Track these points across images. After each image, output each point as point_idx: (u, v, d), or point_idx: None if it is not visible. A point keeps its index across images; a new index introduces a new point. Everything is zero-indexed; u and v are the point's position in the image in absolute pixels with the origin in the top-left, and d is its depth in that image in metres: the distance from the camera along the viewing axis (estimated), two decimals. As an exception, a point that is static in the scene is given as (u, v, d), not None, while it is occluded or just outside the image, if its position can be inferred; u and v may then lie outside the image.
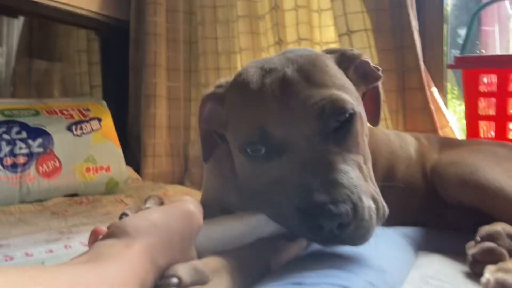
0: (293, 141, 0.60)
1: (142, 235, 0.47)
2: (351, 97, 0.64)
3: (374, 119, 0.82)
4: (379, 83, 0.78)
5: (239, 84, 0.68)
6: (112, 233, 0.48)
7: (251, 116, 0.63)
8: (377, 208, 0.59)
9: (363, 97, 0.77)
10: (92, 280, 0.39)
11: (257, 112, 0.63)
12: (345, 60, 0.71)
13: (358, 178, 0.59)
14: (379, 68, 0.75)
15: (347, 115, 0.62)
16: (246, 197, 0.71)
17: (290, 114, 0.61)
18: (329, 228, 0.54)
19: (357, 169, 0.61)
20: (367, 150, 0.67)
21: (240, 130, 0.65)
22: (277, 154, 0.62)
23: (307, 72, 0.64)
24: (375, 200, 0.59)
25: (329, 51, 0.73)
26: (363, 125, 0.67)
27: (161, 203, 0.71)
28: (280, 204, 0.60)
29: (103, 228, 0.53)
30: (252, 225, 0.61)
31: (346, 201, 0.54)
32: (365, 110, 0.78)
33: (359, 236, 0.56)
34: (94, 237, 0.53)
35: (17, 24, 2.12)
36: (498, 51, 1.74)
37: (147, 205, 0.68)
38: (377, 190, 0.63)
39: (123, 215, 0.63)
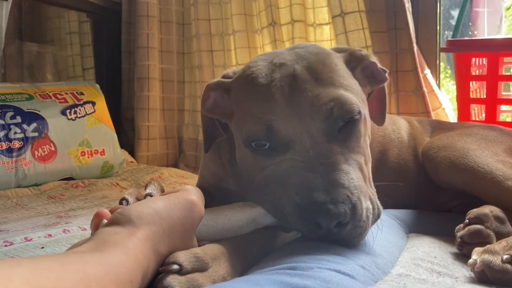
0: (299, 139, 0.61)
1: (146, 224, 0.49)
2: (357, 98, 0.65)
3: (379, 118, 0.83)
4: (385, 85, 0.78)
5: (248, 76, 0.68)
6: (116, 220, 0.49)
7: (258, 111, 0.64)
8: (373, 209, 0.61)
9: (369, 97, 0.78)
10: (99, 270, 0.40)
11: (264, 107, 0.63)
12: (353, 60, 0.72)
13: (359, 179, 0.60)
14: (386, 70, 0.76)
15: (353, 117, 0.63)
16: (244, 185, 0.72)
17: (298, 112, 0.62)
18: (327, 226, 0.56)
19: (358, 170, 0.62)
20: (369, 151, 0.68)
21: (246, 123, 0.65)
22: (282, 150, 0.63)
23: (316, 70, 0.64)
24: (371, 201, 0.61)
25: (339, 50, 0.74)
26: (367, 126, 0.68)
27: (162, 189, 0.72)
28: (280, 199, 0.61)
29: (106, 211, 0.55)
30: (251, 217, 0.63)
31: (346, 202, 0.56)
32: (370, 110, 0.79)
33: (355, 236, 0.58)
34: (97, 220, 0.54)
35: (6, 5, 2.09)
36: (487, 33, 1.75)
37: (148, 190, 0.69)
38: (374, 191, 0.65)
39: (123, 200, 0.64)
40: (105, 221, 0.52)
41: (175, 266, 0.49)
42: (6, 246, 0.85)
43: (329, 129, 0.62)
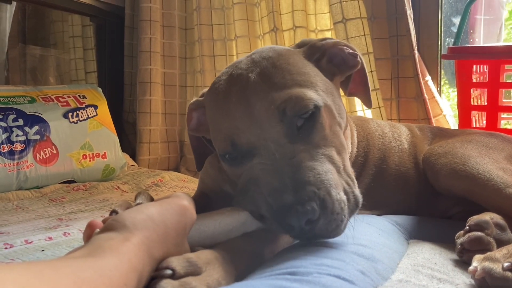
0: (262, 145, 0.63)
1: (140, 229, 0.49)
2: (315, 91, 0.66)
3: (365, 101, 0.83)
4: (364, 66, 0.78)
5: (213, 92, 0.71)
6: (110, 227, 0.49)
7: (222, 126, 0.67)
8: (348, 199, 0.61)
9: (348, 82, 0.78)
10: (92, 274, 0.40)
11: (226, 122, 0.66)
12: (316, 52, 0.73)
13: (327, 172, 0.61)
14: (357, 53, 0.75)
15: (310, 112, 0.63)
16: (235, 189, 0.74)
17: (256, 121, 0.64)
18: (298, 226, 0.57)
19: (327, 163, 0.62)
20: (340, 141, 0.68)
21: (216, 139, 0.70)
22: (250, 158, 0.65)
23: (269, 75, 0.66)
24: (345, 192, 0.61)
25: (300, 45, 0.75)
26: (334, 116, 0.68)
27: (151, 199, 0.73)
28: (257, 202, 0.63)
29: (98, 222, 0.55)
30: (240, 221, 0.64)
31: (313, 199, 0.57)
32: (355, 93, 0.79)
33: (332, 229, 0.58)
34: (90, 231, 0.55)
35: (10, 9, 2.10)
36: (488, 40, 1.75)
37: (138, 200, 0.70)
38: (351, 179, 0.65)
39: (113, 212, 0.65)
40: (98, 230, 0.52)
41: (168, 271, 0.49)
42: (6, 248, 0.85)
43: (288, 129, 0.63)
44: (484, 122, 1.31)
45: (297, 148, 0.62)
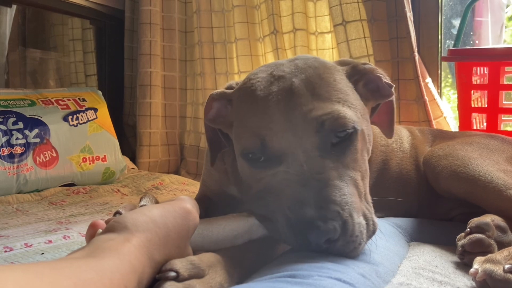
0: (292, 153, 0.61)
1: (141, 231, 0.49)
2: (355, 113, 0.65)
3: (387, 131, 0.83)
4: (393, 98, 0.78)
5: (248, 88, 0.68)
6: (112, 228, 0.49)
7: (254, 124, 0.64)
8: (367, 225, 0.60)
9: (375, 110, 0.77)
10: (93, 276, 0.40)
11: (259, 121, 0.64)
12: (356, 74, 0.71)
13: (352, 194, 0.60)
14: (392, 85, 0.75)
15: (348, 132, 0.63)
16: (245, 193, 0.72)
17: (291, 126, 0.62)
18: (316, 243, 0.56)
19: (352, 186, 0.61)
20: (366, 167, 0.67)
21: (243, 135, 0.66)
22: (276, 163, 0.63)
23: (314, 84, 0.64)
24: (365, 217, 0.60)
25: (342, 63, 0.74)
26: (365, 142, 0.68)
27: (156, 201, 0.72)
28: (273, 212, 0.61)
29: (101, 222, 0.55)
30: (246, 227, 0.63)
31: (336, 218, 0.56)
32: (379, 123, 0.79)
33: (349, 251, 0.58)
34: (92, 231, 0.55)
35: (10, 12, 2.10)
36: (490, 42, 1.75)
37: (142, 203, 0.70)
38: (370, 206, 0.64)
39: (117, 213, 0.65)
40: (100, 230, 0.52)
41: (172, 273, 0.49)
42: (6, 252, 0.85)
43: (321, 143, 0.62)
44: (485, 124, 1.31)
45: (327, 165, 0.61)
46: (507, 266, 0.56)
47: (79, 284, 0.38)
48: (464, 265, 0.68)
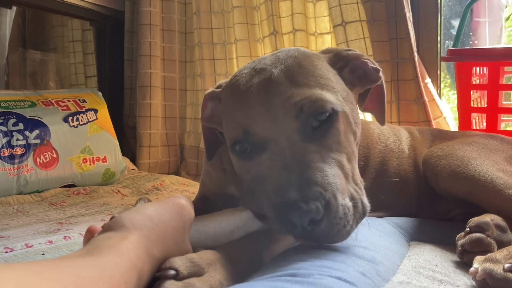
0: (274, 139, 0.63)
1: (138, 228, 0.50)
2: (335, 96, 0.66)
3: (379, 118, 0.83)
4: (383, 84, 0.78)
5: (233, 85, 0.70)
6: (109, 227, 0.50)
7: (238, 116, 0.66)
8: (355, 206, 0.60)
9: (366, 96, 0.78)
10: (92, 273, 0.40)
11: (242, 112, 0.66)
12: (340, 60, 0.73)
13: (335, 176, 0.60)
14: (379, 69, 0.75)
15: (327, 114, 0.63)
16: (242, 188, 0.73)
17: (272, 113, 0.63)
18: (300, 224, 0.56)
19: (337, 167, 0.62)
20: (352, 149, 0.68)
21: (229, 129, 0.68)
22: (260, 152, 0.64)
23: (293, 72, 0.65)
24: (353, 199, 0.61)
25: (326, 51, 0.75)
26: (350, 124, 0.68)
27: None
28: (260, 200, 0.62)
29: (98, 226, 0.55)
30: (241, 221, 0.64)
31: (318, 199, 0.56)
32: (371, 109, 0.79)
33: (334, 233, 0.57)
34: (89, 236, 0.55)
35: (10, 14, 2.11)
36: (488, 42, 1.75)
37: (138, 205, 0.70)
38: (359, 188, 0.64)
39: (113, 218, 0.65)
40: (97, 234, 0.52)
41: (172, 272, 0.49)
42: (6, 252, 0.85)
43: (302, 127, 0.63)
44: (484, 124, 1.31)
45: (309, 148, 0.61)
46: (506, 265, 0.56)
47: (79, 282, 0.38)
48: (464, 264, 0.68)
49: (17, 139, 1.42)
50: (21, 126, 1.45)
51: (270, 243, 0.65)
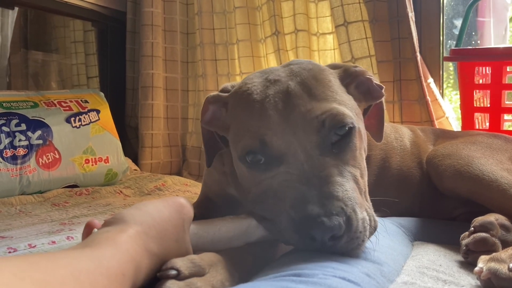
0: (292, 152, 0.61)
1: (137, 223, 0.50)
2: (351, 112, 0.65)
3: (376, 134, 0.83)
4: (383, 101, 0.78)
5: (244, 92, 0.68)
6: (109, 223, 0.51)
7: (253, 126, 0.64)
8: (369, 221, 0.60)
9: (366, 113, 0.78)
10: (89, 265, 0.41)
11: (258, 122, 0.64)
12: (348, 76, 0.72)
13: (353, 190, 0.60)
14: (382, 86, 0.76)
15: (346, 129, 0.63)
16: (244, 196, 0.73)
17: (291, 126, 0.62)
18: (321, 239, 0.55)
19: (353, 182, 0.62)
20: (364, 165, 0.67)
21: (241, 138, 0.66)
22: (276, 164, 0.63)
23: (310, 85, 0.65)
24: (367, 213, 0.60)
25: (333, 66, 0.74)
26: (362, 140, 0.68)
27: None
28: (275, 213, 0.61)
29: (97, 222, 0.56)
30: (242, 228, 0.62)
31: (340, 214, 0.55)
32: (368, 126, 0.79)
33: (353, 247, 0.57)
34: (88, 230, 0.56)
35: (12, 14, 2.11)
36: (493, 42, 1.75)
37: None
38: (370, 204, 0.64)
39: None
40: (96, 230, 0.52)
41: (173, 272, 0.49)
42: (10, 252, 0.85)
43: (322, 142, 0.62)
44: (487, 123, 1.31)
45: (327, 163, 0.61)
46: (511, 265, 0.56)
47: (75, 274, 0.39)
48: (468, 264, 0.68)
49: (20, 140, 1.42)
50: (23, 126, 1.45)
51: (272, 245, 0.65)
